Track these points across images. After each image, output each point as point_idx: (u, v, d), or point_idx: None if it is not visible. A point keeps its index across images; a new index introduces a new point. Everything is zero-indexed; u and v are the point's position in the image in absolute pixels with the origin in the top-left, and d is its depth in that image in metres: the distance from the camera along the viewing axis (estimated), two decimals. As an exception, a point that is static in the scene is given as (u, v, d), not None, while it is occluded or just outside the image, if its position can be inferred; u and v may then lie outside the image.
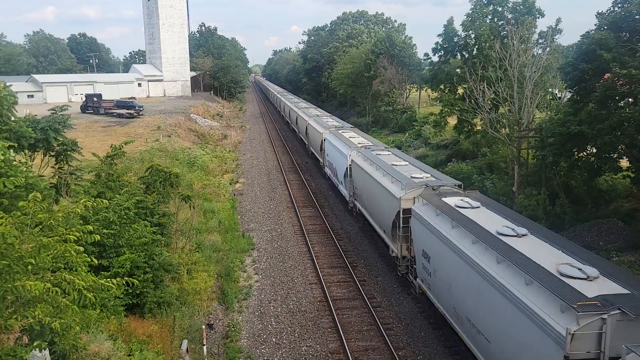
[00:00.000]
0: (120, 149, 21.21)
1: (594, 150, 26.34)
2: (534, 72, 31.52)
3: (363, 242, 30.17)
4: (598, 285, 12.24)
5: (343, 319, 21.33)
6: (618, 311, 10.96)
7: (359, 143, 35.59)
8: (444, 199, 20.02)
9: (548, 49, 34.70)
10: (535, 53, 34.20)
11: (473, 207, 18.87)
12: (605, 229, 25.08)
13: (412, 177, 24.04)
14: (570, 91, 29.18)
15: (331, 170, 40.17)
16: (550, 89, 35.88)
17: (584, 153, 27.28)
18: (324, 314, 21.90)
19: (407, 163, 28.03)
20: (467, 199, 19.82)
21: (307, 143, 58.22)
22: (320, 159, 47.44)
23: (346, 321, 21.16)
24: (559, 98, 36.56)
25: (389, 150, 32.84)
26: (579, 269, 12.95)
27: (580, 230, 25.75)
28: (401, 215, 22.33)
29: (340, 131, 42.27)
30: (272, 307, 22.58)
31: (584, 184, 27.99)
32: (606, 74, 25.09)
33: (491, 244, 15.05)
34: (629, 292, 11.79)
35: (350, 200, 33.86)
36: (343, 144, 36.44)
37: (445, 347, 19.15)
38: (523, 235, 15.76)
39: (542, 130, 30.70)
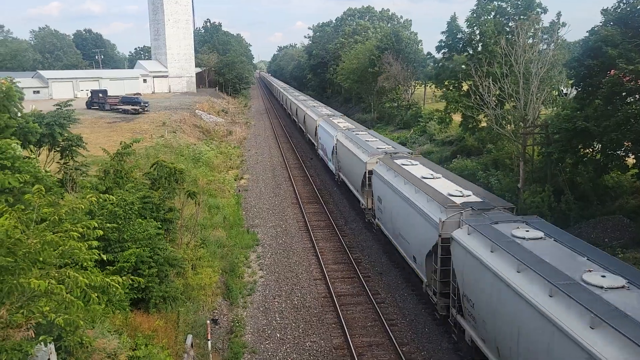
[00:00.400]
0: (130, 146, 21.27)
1: (600, 147, 26.23)
2: (540, 68, 31.38)
3: (368, 239, 30.21)
4: (467, 199, 20.22)
5: (347, 314, 21.38)
6: (469, 209, 18.84)
7: (344, 127, 43.27)
8: (395, 160, 27.50)
9: (553, 44, 34.51)
10: (540, 49, 34.02)
11: (412, 164, 26.58)
12: (610, 226, 25.00)
13: (377, 147, 31.65)
14: (576, 88, 29.04)
15: (322, 151, 47.69)
16: (556, 85, 35.70)
17: (590, 150, 27.17)
18: (328, 310, 21.96)
19: (377, 139, 35.83)
20: (410, 160, 27.80)
21: (305, 130, 64.88)
22: (314, 142, 54.42)
23: (350, 317, 21.21)
24: (565, 94, 36.39)
25: (366, 131, 40.22)
26: (460, 192, 21.08)
27: (585, 226, 25.68)
28: (367, 176, 29.82)
29: (330, 118, 50.16)
30: (276, 303, 22.65)
31: (589, 180, 27.89)
32: (612, 70, 24.96)
33: (414, 182, 22.92)
34: (482, 200, 19.98)
35: (336, 172, 41.35)
36: (331, 127, 43.94)
37: (449, 343, 19.18)
38: (437, 177, 23.79)
39: (547, 126, 30.58)
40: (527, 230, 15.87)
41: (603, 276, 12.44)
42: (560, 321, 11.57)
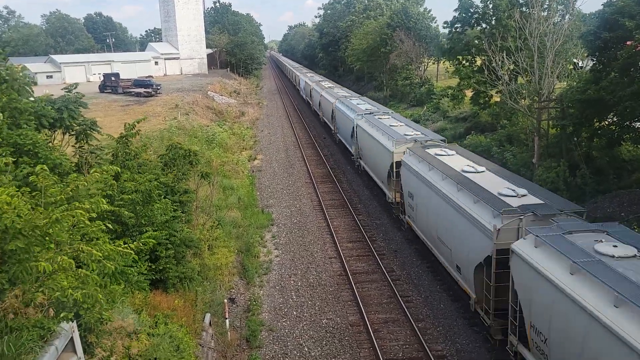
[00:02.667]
0: (133, 127, 21.04)
1: (615, 119, 25.85)
2: (556, 40, 30.81)
3: (382, 217, 30.27)
4: (416, 137, 27.66)
5: (362, 292, 21.57)
6: (414, 142, 26.63)
7: (341, 95, 52.36)
8: (374, 115, 36.04)
9: (568, 16, 33.79)
10: (555, 21, 33.35)
11: (383, 117, 35.26)
12: (627, 200, 24.73)
13: (365, 109, 40.05)
14: (592, 59, 28.53)
15: (326, 118, 56.88)
16: (571, 58, 35.05)
17: (605, 122, 26.78)
18: (344, 287, 22.16)
19: (365, 102, 45.61)
20: (380, 115, 36.49)
21: (311, 104, 71.42)
22: (319, 112, 62.45)
23: (366, 294, 21.40)
24: (581, 67, 35.75)
25: (359, 97, 50.15)
26: (412, 133, 28.75)
27: (601, 201, 25.44)
28: (354, 129, 38.11)
29: (331, 89, 59.97)
30: (292, 281, 22.89)
31: (604, 154, 27.55)
32: (628, 42, 24.49)
33: (376, 124, 32.17)
34: (425, 136, 27.97)
35: (335, 133, 49.61)
36: (331, 97, 52.18)
37: (464, 319, 19.30)
38: (400, 125, 32.00)
39: (562, 100, 30.15)
40: (447, 153, 23.73)
41: (473, 167, 20.91)
42: (445, 191, 19.82)
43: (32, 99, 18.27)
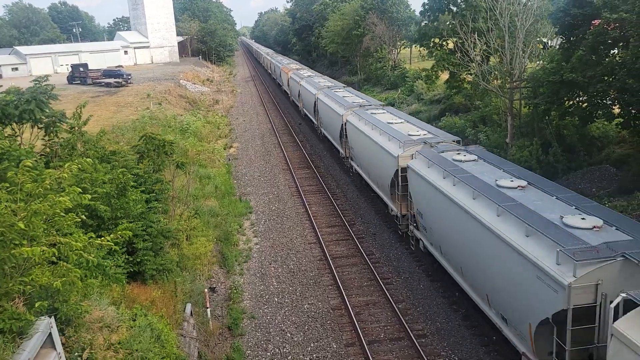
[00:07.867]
0: (80, 116, 20.26)
1: (586, 97, 26.28)
2: (525, 20, 31.08)
3: (360, 200, 30.39)
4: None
5: (343, 275, 21.70)
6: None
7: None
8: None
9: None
10: (524, 1, 33.56)
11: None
12: (597, 176, 25.28)
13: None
14: (561, 37, 28.87)
15: (295, 98, 59.65)
16: (541, 38, 35.40)
17: (575, 101, 27.22)
18: (324, 272, 22.26)
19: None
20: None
21: (283, 85, 74.11)
22: (288, 91, 66.04)
23: (346, 278, 21.54)
24: (550, 47, 36.13)
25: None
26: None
27: (573, 177, 25.97)
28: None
29: (300, 71, 61.49)
30: (272, 268, 22.90)
31: (576, 131, 28.06)
32: (596, 21, 24.83)
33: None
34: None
35: (301, 109, 52.67)
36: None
37: (443, 298, 19.59)
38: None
39: (534, 80, 30.50)
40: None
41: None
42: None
43: None
